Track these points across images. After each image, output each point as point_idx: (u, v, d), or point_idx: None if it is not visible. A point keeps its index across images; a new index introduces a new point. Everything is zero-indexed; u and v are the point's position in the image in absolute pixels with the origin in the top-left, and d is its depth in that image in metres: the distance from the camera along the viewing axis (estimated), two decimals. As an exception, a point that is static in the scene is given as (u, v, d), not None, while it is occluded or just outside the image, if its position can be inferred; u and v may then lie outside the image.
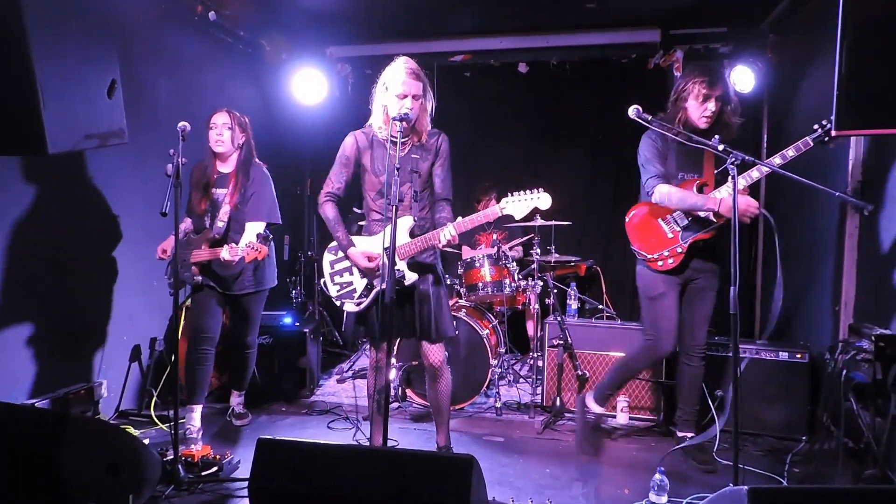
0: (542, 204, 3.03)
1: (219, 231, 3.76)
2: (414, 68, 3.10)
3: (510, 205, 3.04)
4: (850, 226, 3.82)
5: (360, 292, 3.29)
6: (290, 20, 5.39)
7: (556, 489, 3.30)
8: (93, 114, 2.73)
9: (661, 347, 3.65)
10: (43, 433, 2.51)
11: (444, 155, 3.29)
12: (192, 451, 3.32)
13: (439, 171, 3.28)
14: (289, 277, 6.26)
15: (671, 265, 3.55)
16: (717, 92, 3.44)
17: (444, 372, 3.40)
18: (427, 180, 3.28)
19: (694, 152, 3.56)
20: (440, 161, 3.28)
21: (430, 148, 3.26)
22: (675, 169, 3.57)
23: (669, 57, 5.46)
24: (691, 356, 3.69)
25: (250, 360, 4.21)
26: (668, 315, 3.62)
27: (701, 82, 3.43)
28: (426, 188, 3.29)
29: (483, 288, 4.92)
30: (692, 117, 3.50)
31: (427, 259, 3.30)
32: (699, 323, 3.66)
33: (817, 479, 3.40)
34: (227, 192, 3.80)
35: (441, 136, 3.31)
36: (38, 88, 2.41)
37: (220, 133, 3.78)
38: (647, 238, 3.62)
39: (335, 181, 3.29)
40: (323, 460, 2.29)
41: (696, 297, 3.65)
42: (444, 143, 3.30)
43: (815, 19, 4.41)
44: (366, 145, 3.26)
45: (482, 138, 6.32)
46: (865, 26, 2.40)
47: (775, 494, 2.01)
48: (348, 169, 3.29)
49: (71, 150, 2.65)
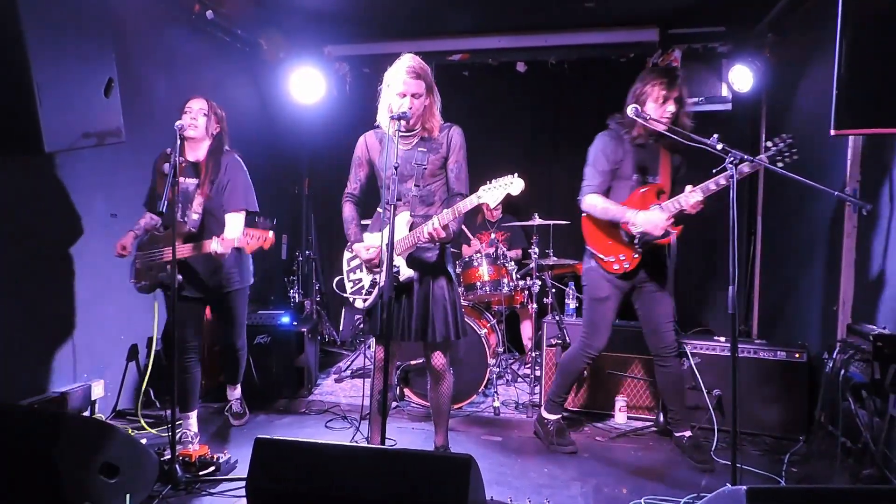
0: (514, 189, 2.93)
1: (194, 224, 3.55)
2: (415, 67, 3.07)
3: (485, 193, 2.96)
4: (847, 225, 3.82)
5: (366, 289, 3.31)
6: (287, 19, 5.38)
7: (554, 489, 3.29)
8: (90, 113, 2.73)
9: (595, 345, 3.71)
10: (39, 433, 2.51)
11: (457, 148, 3.21)
12: (190, 451, 3.31)
13: (453, 165, 3.22)
14: (287, 277, 6.26)
15: (627, 269, 3.56)
16: (676, 93, 3.45)
17: (447, 375, 3.39)
18: (436, 174, 3.22)
19: (651, 155, 3.60)
20: (453, 155, 3.21)
21: (440, 141, 3.21)
22: (630, 171, 3.58)
23: (668, 56, 5.45)
24: (664, 357, 3.68)
25: (241, 359, 4.12)
26: (607, 318, 3.68)
27: (660, 84, 3.44)
28: (433, 182, 3.22)
29: (481, 287, 4.92)
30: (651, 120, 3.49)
31: (430, 258, 3.25)
32: (662, 323, 3.65)
33: (815, 479, 3.40)
34: (196, 181, 3.61)
35: (453, 128, 3.23)
36: (34, 87, 2.40)
37: (195, 118, 3.60)
38: (603, 239, 3.61)
39: (351, 182, 3.34)
40: (321, 460, 2.28)
41: (650, 300, 3.65)
42: (455, 135, 3.22)
43: (814, 19, 4.41)
44: (376, 144, 3.27)
45: (480, 137, 6.20)
46: (865, 25, 2.40)
47: (774, 494, 2.01)
48: (362, 169, 3.31)
49: (68, 149, 2.65)
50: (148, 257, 3.59)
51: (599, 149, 3.62)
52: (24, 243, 3.58)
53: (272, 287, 6.27)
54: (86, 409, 3.94)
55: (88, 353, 4.02)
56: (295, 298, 6.17)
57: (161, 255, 3.54)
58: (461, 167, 3.24)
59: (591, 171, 3.63)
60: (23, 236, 3.57)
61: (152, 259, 3.57)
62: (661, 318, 3.66)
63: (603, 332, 3.70)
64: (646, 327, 3.71)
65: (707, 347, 4.08)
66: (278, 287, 6.30)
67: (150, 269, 3.57)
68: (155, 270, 3.56)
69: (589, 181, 3.62)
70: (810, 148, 4.33)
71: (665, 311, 3.66)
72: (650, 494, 3.18)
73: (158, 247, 3.56)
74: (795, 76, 4.78)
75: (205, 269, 3.66)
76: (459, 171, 3.23)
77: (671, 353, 3.69)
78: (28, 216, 3.61)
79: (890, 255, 3.40)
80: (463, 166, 3.24)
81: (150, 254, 3.58)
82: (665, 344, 3.67)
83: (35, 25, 2.41)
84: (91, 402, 3.98)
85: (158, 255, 3.55)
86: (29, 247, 3.62)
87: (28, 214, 3.61)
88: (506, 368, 5.25)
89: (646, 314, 3.69)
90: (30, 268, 3.63)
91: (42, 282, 3.71)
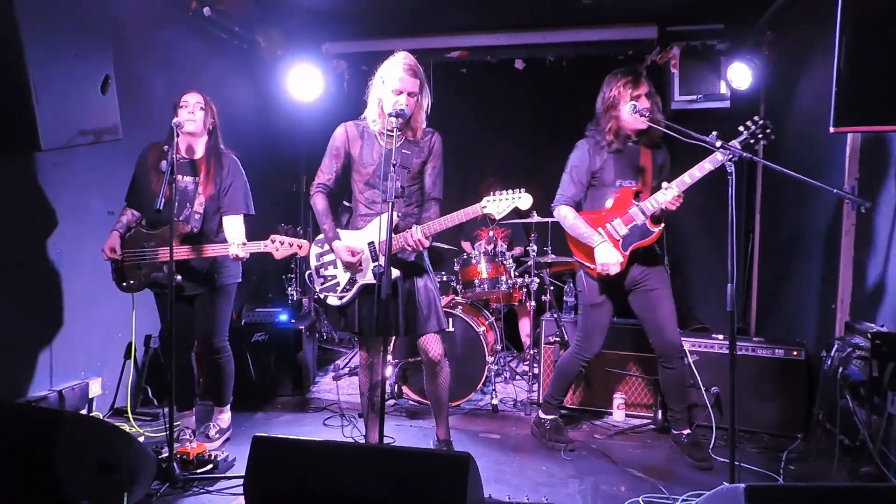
0: (523, 204, 3.04)
1: (196, 224, 3.50)
2: (412, 64, 3.09)
3: (490, 204, 3.03)
4: (846, 223, 3.82)
5: (342, 286, 3.29)
6: (285, 16, 5.37)
7: (552, 486, 3.29)
8: (86, 110, 2.72)
9: (590, 350, 3.73)
10: (37, 431, 2.50)
11: (437, 155, 3.30)
12: (188, 449, 3.31)
13: (430, 170, 3.29)
14: (284, 274, 6.25)
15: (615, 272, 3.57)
16: (644, 89, 3.44)
17: (444, 365, 3.40)
18: (416, 177, 3.27)
19: (631, 160, 3.59)
20: (432, 161, 3.29)
21: (423, 146, 3.26)
22: (612, 177, 3.58)
23: (666, 54, 5.45)
24: (670, 358, 3.62)
25: (224, 368, 3.80)
26: (602, 323, 3.70)
27: (626, 84, 3.44)
28: (414, 184, 3.27)
29: (479, 285, 4.91)
30: (626, 123, 3.48)
31: (408, 256, 3.30)
32: (664, 323, 3.59)
33: (813, 477, 3.40)
34: (196, 179, 3.55)
35: (435, 135, 3.30)
36: (31, 85, 2.40)
37: (193, 112, 3.51)
38: (587, 247, 3.58)
39: (325, 172, 3.29)
40: (319, 458, 2.28)
41: (649, 299, 3.62)
42: (437, 143, 3.30)
43: (812, 16, 4.41)
44: (356, 136, 3.26)
45: (478, 135, 6.30)
46: (864, 22, 2.39)
47: (772, 492, 2.02)
48: (339, 160, 3.28)
49: (64, 147, 2.64)
50: (136, 256, 3.51)
51: (577, 158, 3.63)
52: (20, 241, 3.57)
53: (270, 285, 6.26)
54: (83, 408, 3.93)
55: (86, 351, 4.02)
56: (293, 296, 6.16)
57: (155, 256, 3.48)
58: (439, 173, 3.32)
59: (566, 181, 3.65)
60: (19, 234, 3.56)
61: (143, 258, 3.50)
62: (664, 318, 3.60)
63: (597, 337, 3.71)
64: (649, 328, 3.66)
65: (705, 345, 4.08)
66: (276, 285, 6.29)
67: (138, 267, 3.50)
68: (146, 269, 3.49)
69: (563, 191, 3.65)
70: (809, 145, 4.36)
71: (667, 311, 3.60)
72: (648, 492, 3.19)
73: (150, 245, 3.50)
74: (794, 74, 4.78)
75: (198, 265, 3.58)
76: (437, 178, 3.31)
77: (678, 355, 3.64)
78: (25, 214, 3.60)
79: (889, 254, 3.40)
80: (440, 172, 3.32)
81: (138, 252, 3.50)
82: (670, 344, 3.61)
83: (32, 23, 2.40)
84: (89, 400, 3.97)
85: (152, 255, 3.49)
86: (26, 245, 3.61)
87: (25, 212, 3.60)
88: (504, 366, 5.25)
89: (647, 316, 3.65)
90: (27, 266, 3.63)
91: (39, 280, 3.71)
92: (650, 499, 3.12)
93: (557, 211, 3.64)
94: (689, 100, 5.38)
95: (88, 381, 3.97)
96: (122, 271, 3.54)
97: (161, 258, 3.46)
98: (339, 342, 6.35)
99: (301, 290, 6.32)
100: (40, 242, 3.70)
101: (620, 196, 3.56)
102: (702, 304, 6.07)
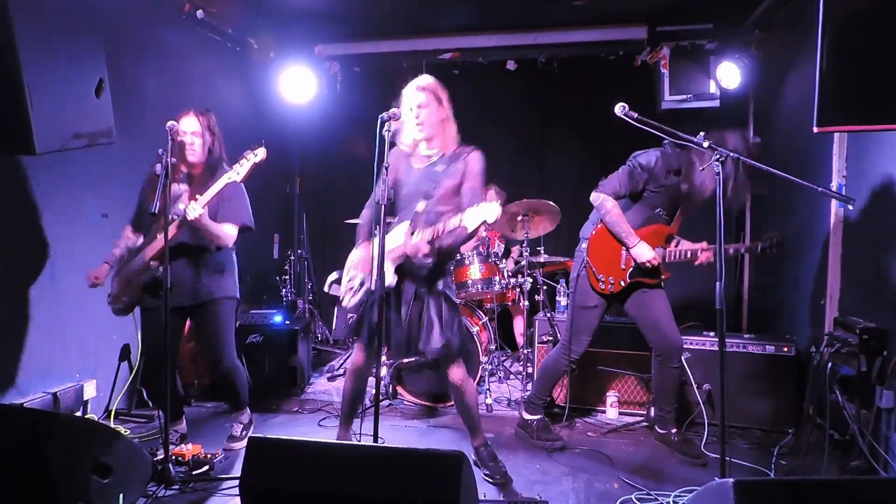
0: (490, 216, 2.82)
1: (178, 213, 3.35)
2: (421, 83, 3.17)
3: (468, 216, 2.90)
4: (834, 220, 3.86)
5: (356, 288, 3.32)
6: (277, 18, 5.38)
7: (546, 484, 3.32)
8: (81, 113, 2.73)
9: (576, 349, 3.75)
10: (32, 433, 2.50)
11: (472, 174, 3.17)
12: (183, 451, 3.32)
13: (467, 191, 3.16)
14: (279, 276, 6.26)
15: (609, 290, 3.61)
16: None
17: (466, 387, 3.33)
18: (447, 200, 3.17)
19: (675, 201, 3.60)
20: (469, 182, 3.17)
21: (458, 165, 3.18)
22: (659, 202, 3.58)
23: (656, 53, 5.49)
24: (671, 357, 3.64)
25: (237, 380, 3.74)
26: (591, 324, 3.72)
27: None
28: (443, 206, 3.16)
29: (473, 285, 4.92)
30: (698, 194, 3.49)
31: (423, 267, 3.21)
32: (662, 322, 3.61)
33: (804, 471, 3.43)
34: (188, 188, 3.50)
35: (472, 153, 3.21)
36: (25, 88, 2.40)
37: (192, 143, 3.47)
38: (603, 256, 3.61)
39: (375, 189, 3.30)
40: (314, 458, 2.29)
41: (643, 301, 3.64)
42: (473, 161, 3.19)
43: (800, 15, 4.45)
44: (399, 158, 3.31)
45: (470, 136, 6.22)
46: (845, 22, 2.41)
47: (760, 486, 2.04)
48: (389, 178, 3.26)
49: (59, 150, 2.65)
50: (129, 269, 3.45)
51: (651, 162, 3.51)
52: (15, 244, 3.57)
53: (264, 286, 6.27)
54: (78, 409, 3.93)
55: (81, 353, 4.02)
56: (287, 297, 6.17)
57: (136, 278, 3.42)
58: (476, 193, 3.12)
59: (625, 175, 3.54)
60: (14, 237, 3.56)
61: (135, 269, 3.43)
62: (662, 317, 3.62)
63: (584, 338, 3.72)
64: (648, 328, 3.66)
65: (696, 342, 4.11)
66: (270, 286, 6.30)
67: (130, 282, 3.45)
68: (137, 281, 3.43)
69: (614, 185, 3.54)
70: (797, 143, 4.39)
71: (664, 311, 3.62)
72: (641, 489, 3.22)
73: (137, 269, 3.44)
74: (782, 72, 4.82)
75: (188, 276, 3.49)
76: (473, 198, 3.08)
77: (679, 353, 3.65)
78: (19, 217, 3.60)
79: (876, 249, 3.44)
80: (478, 193, 3.13)
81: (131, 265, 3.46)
82: (670, 343, 3.62)
83: (25, 26, 2.41)
84: (83, 401, 3.97)
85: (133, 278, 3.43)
86: (21, 247, 3.61)
87: (19, 215, 3.60)
88: (498, 365, 5.28)
89: (643, 317, 3.66)
90: (21, 268, 3.63)
91: (34, 282, 3.70)
92: (643, 495, 3.15)
93: (602, 200, 3.53)
94: (679, 99, 5.42)
95: (83, 383, 3.97)
96: (117, 291, 3.50)
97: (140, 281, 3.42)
98: (334, 343, 6.36)
99: (295, 292, 6.33)
100: (35, 245, 3.70)
101: (656, 230, 3.57)
102: (693, 302, 6.10)
